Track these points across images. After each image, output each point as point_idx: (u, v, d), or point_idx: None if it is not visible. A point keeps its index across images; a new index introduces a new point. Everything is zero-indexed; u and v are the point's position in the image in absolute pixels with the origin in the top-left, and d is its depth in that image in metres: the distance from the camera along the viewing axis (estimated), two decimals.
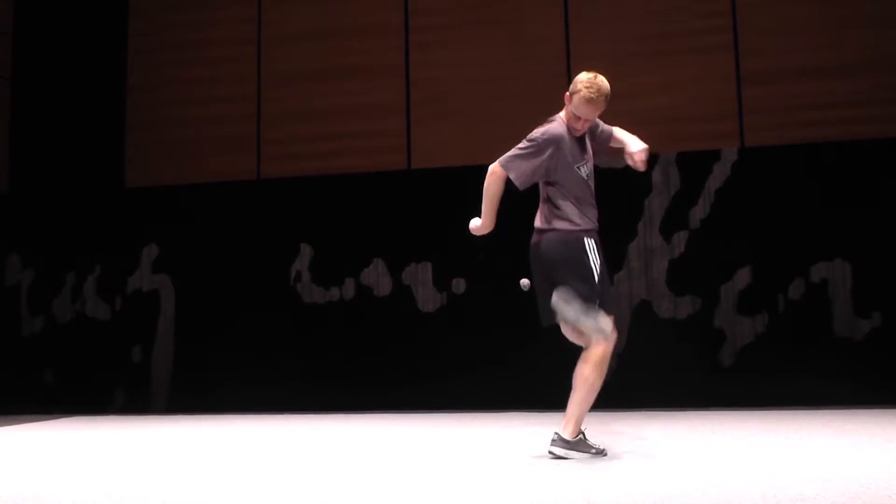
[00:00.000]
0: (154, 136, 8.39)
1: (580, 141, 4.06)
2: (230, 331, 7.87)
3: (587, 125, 4.02)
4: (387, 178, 7.82)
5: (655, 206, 7.29)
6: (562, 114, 4.10)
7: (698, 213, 7.24)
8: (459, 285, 7.53)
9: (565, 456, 3.77)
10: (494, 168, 4.00)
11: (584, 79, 3.97)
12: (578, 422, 3.83)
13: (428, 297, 7.57)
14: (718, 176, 7.24)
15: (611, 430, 5.21)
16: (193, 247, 8.08)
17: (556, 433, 3.84)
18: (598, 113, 4.00)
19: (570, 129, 4.02)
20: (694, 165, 7.29)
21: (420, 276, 7.61)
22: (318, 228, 7.85)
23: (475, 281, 7.47)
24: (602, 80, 3.98)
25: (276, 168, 8.09)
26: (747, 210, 7.14)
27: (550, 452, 3.82)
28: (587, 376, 3.77)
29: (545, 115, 4.19)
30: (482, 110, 7.56)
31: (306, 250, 7.86)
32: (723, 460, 3.68)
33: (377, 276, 7.67)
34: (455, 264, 7.51)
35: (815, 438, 4.49)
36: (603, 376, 3.83)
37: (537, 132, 4.00)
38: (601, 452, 3.89)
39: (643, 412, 6.58)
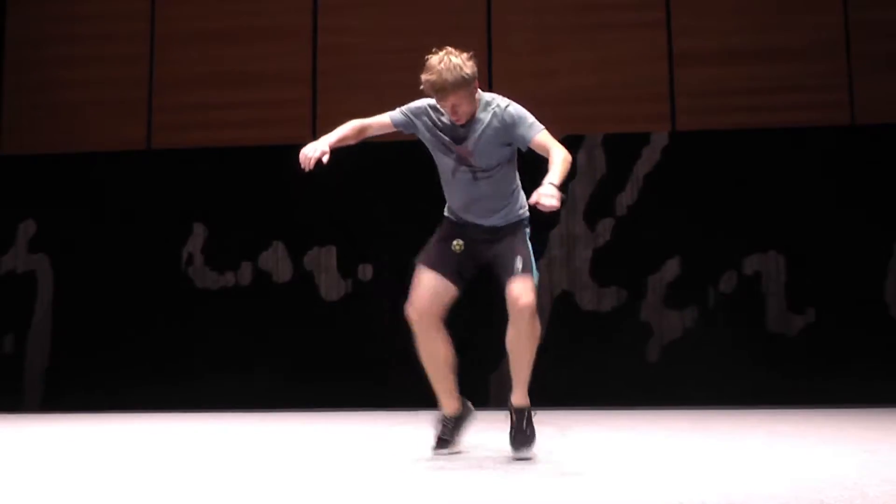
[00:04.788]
0: (34, 98, 7.74)
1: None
2: (114, 319, 7.27)
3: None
4: (288, 153, 7.18)
5: (579, 191, 6.96)
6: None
7: (625, 199, 6.96)
8: (366, 272, 7.07)
9: None
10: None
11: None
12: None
13: (332, 285, 7.05)
14: (647, 161, 7.02)
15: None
16: (75, 224, 7.45)
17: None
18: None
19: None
20: (621, 149, 7.06)
21: (323, 262, 7.12)
22: (213, 206, 7.34)
23: (382, 267, 7.04)
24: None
25: (168, 138, 7.53)
26: (678, 198, 6.90)
27: None
28: None
29: None
30: (395, 82, 7.02)
31: (199, 230, 7.33)
32: (644, 465, 3.20)
33: (276, 261, 7.16)
34: (361, 250, 7.08)
35: (748, 440, 4.09)
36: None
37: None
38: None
39: (564, 411, 6.15)
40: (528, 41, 7.15)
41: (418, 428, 3.30)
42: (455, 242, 3.44)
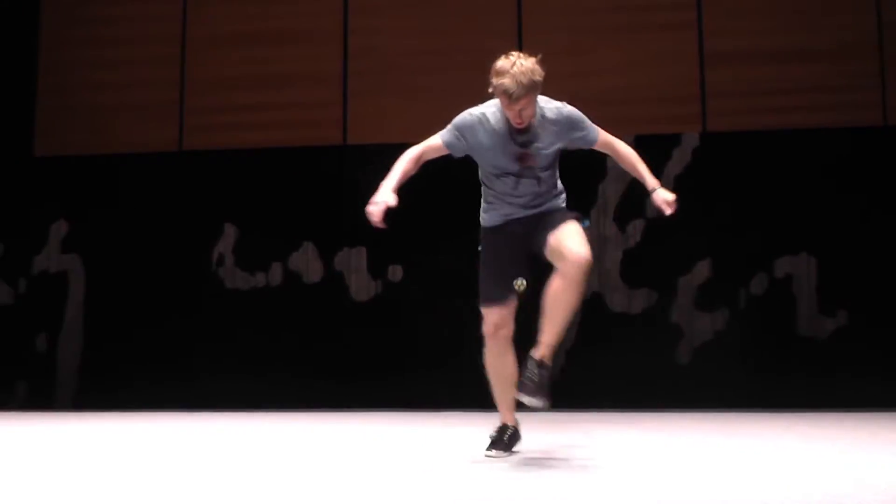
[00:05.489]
0: (67, 100, 7.75)
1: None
2: (145, 319, 7.30)
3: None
4: (320, 154, 7.31)
5: (610, 192, 6.90)
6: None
7: None
8: (396, 273, 7.03)
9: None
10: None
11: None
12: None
13: (362, 285, 7.05)
14: (678, 162, 6.92)
15: (552, 432, 4.69)
16: (107, 224, 7.48)
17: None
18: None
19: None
20: (652, 150, 6.77)
21: (353, 263, 7.10)
22: (243, 207, 7.33)
23: (412, 268, 7.01)
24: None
25: (200, 139, 7.52)
26: (708, 199, 6.81)
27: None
28: None
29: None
30: (425, 84, 7.06)
31: (230, 231, 7.33)
32: (668, 468, 3.16)
33: (307, 262, 7.12)
34: (391, 251, 7.02)
35: (778, 443, 4.04)
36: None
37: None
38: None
39: (591, 413, 6.11)
40: (558, 42, 7.09)
41: (437, 428, 3.27)
42: (517, 283, 3.44)
